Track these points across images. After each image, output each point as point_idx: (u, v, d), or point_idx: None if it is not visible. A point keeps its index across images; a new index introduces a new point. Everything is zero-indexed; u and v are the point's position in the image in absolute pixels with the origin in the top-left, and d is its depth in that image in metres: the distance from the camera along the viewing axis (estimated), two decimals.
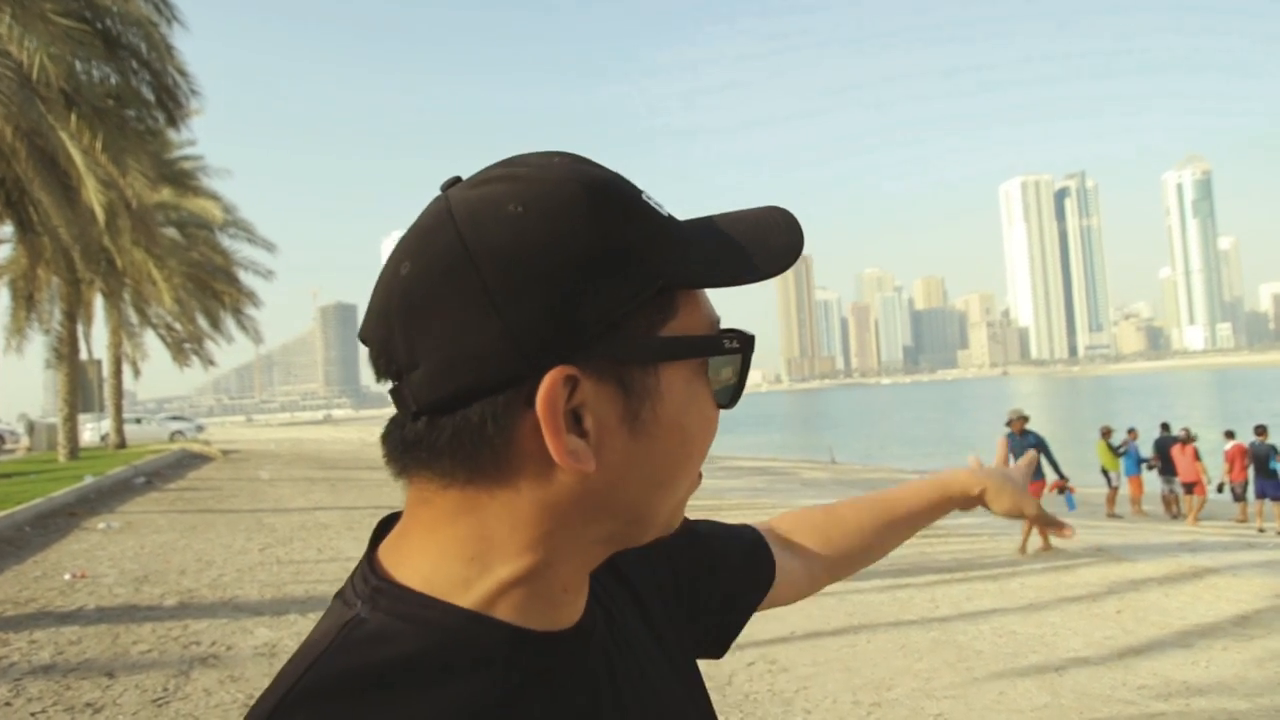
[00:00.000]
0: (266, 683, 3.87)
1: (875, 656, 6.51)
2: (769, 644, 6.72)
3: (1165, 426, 17.77)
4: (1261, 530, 14.66)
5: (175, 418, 47.37)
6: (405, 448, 0.63)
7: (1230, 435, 17.00)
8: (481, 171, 0.65)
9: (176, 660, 6.15)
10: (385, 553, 0.67)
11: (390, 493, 18.21)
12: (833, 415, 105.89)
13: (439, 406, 0.60)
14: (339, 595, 0.66)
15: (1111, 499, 17.61)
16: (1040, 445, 11.16)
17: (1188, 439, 16.85)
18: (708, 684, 0.87)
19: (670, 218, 0.66)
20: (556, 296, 0.58)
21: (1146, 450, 17.67)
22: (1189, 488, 16.51)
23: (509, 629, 0.63)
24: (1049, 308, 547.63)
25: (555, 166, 0.63)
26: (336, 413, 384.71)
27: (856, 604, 8.17)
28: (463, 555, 0.63)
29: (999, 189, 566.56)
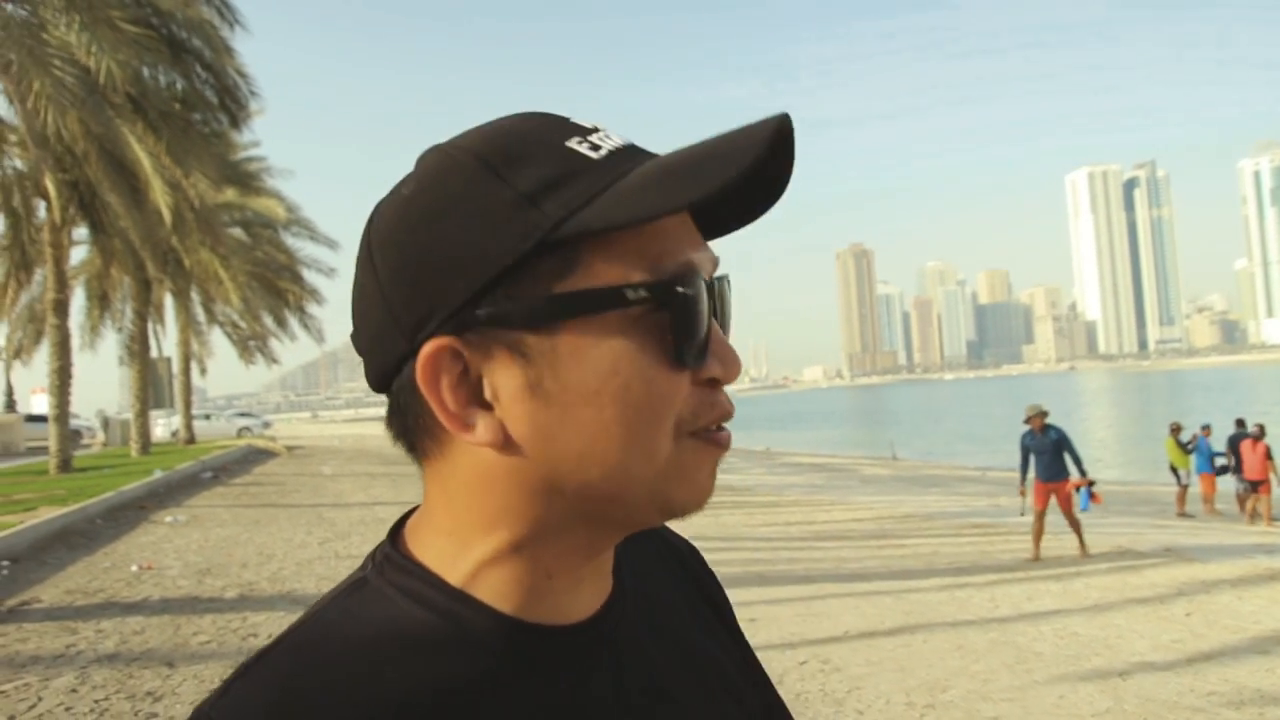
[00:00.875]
0: None
1: (931, 657, 6.38)
2: (822, 643, 6.63)
3: (1240, 423, 17.19)
4: None
5: (243, 414, 48.56)
6: (386, 424, 0.66)
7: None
8: None
9: (235, 651, 6.26)
10: (409, 523, 0.68)
11: (410, 486, 18.29)
12: (894, 411, 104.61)
13: (378, 388, 0.64)
14: (363, 563, 0.68)
15: (1181, 497, 17.09)
16: (1063, 442, 10.60)
17: (1260, 435, 16.29)
18: None
19: (606, 156, 0.59)
20: (430, 268, 0.57)
21: (1222, 447, 17.12)
22: (1255, 485, 15.96)
23: (491, 614, 0.61)
24: (1117, 301, 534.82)
25: (468, 133, 0.62)
26: None
27: (913, 603, 8.03)
28: (445, 530, 0.63)
29: (1065, 179, 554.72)
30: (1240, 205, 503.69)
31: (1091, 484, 10.81)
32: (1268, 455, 15.83)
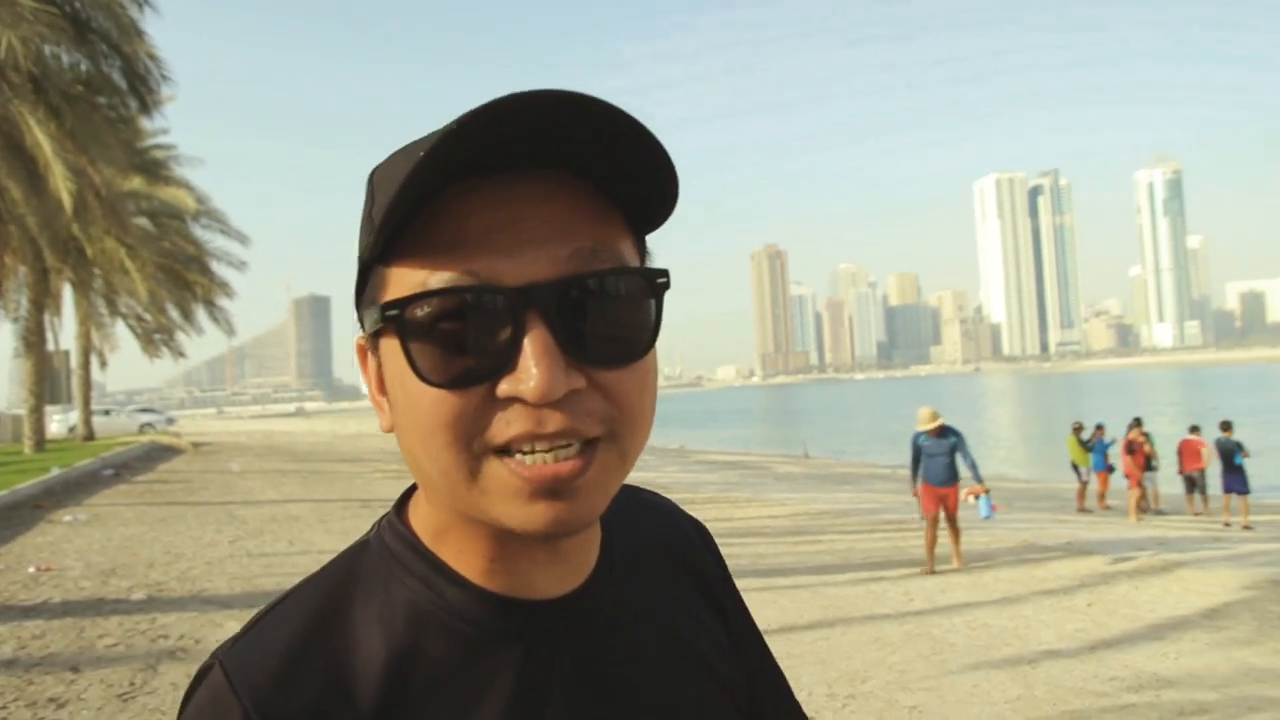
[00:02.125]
0: None
1: (850, 649, 6.52)
2: None
3: (1137, 420, 17.93)
4: (1228, 525, 14.82)
5: (145, 410, 46.79)
6: None
7: (1195, 430, 17.20)
8: None
9: (144, 654, 6.06)
10: (414, 495, 0.73)
11: (363, 485, 18.11)
12: (806, 410, 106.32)
13: None
14: (375, 522, 0.75)
15: (1081, 494, 17.76)
16: (959, 445, 10.03)
17: (1137, 435, 16.98)
18: None
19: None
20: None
21: (1120, 445, 17.80)
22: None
23: (464, 585, 0.67)
24: (1021, 304, 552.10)
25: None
26: (309, 405, 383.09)
27: (830, 597, 8.19)
28: (421, 500, 0.70)
29: (973, 186, 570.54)
30: (1135, 215, 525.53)
31: (987, 491, 10.30)
32: (1128, 451, 16.49)
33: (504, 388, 0.57)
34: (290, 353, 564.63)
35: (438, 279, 0.58)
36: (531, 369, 0.56)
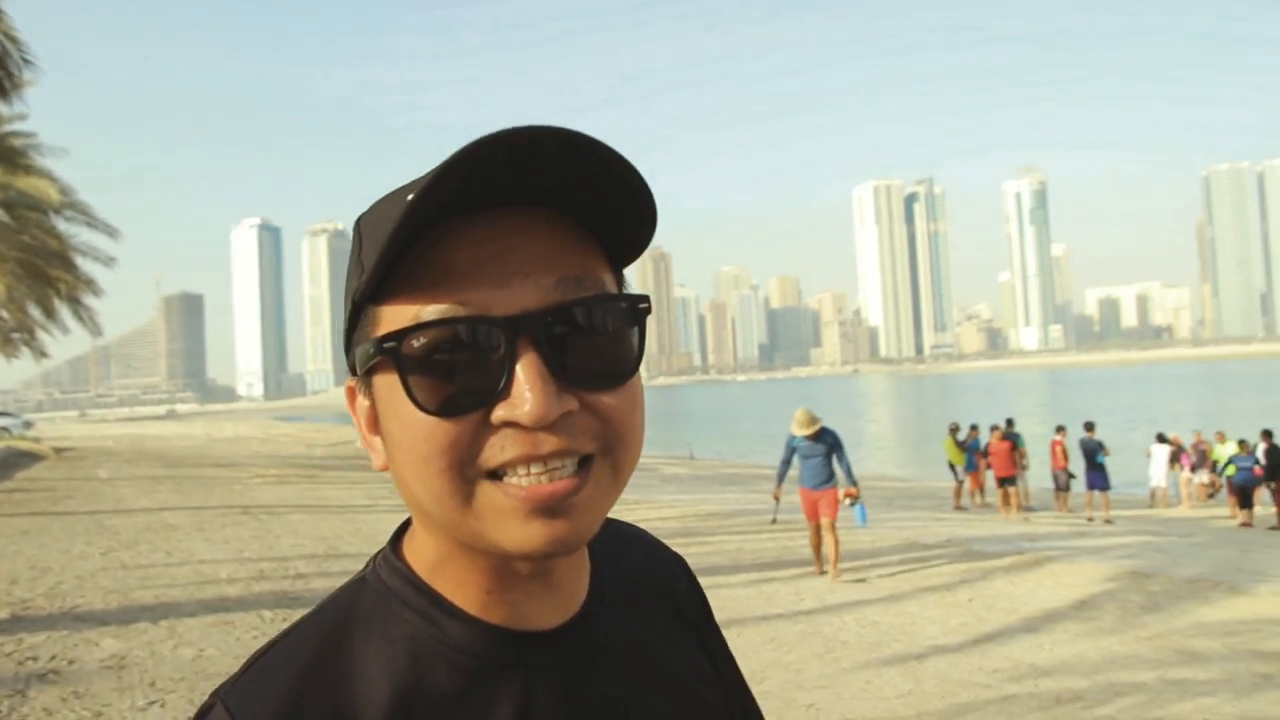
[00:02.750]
0: (116, 698, 3.63)
1: (745, 650, 6.62)
2: None
3: (1009, 421, 18.73)
4: (1090, 520, 15.66)
5: None
6: None
7: (1061, 430, 18.09)
8: None
9: (10, 678, 5.71)
10: (409, 531, 0.74)
11: (243, 491, 17.48)
12: (690, 411, 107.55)
13: None
14: (369, 559, 0.76)
15: (958, 492, 18.47)
16: (836, 448, 9.59)
17: (1005, 435, 17.74)
18: None
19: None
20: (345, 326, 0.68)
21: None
22: (1002, 481, 17.36)
23: (463, 617, 0.68)
24: (898, 308, 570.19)
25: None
26: (181, 407, 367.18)
27: (724, 598, 8.31)
28: (416, 534, 0.72)
29: (852, 192, 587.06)
30: (1004, 223, 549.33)
31: (858, 496, 9.97)
32: (1012, 450, 17.29)
33: (499, 413, 0.59)
34: (160, 352, 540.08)
35: (430, 311, 0.60)
36: (526, 394, 0.59)
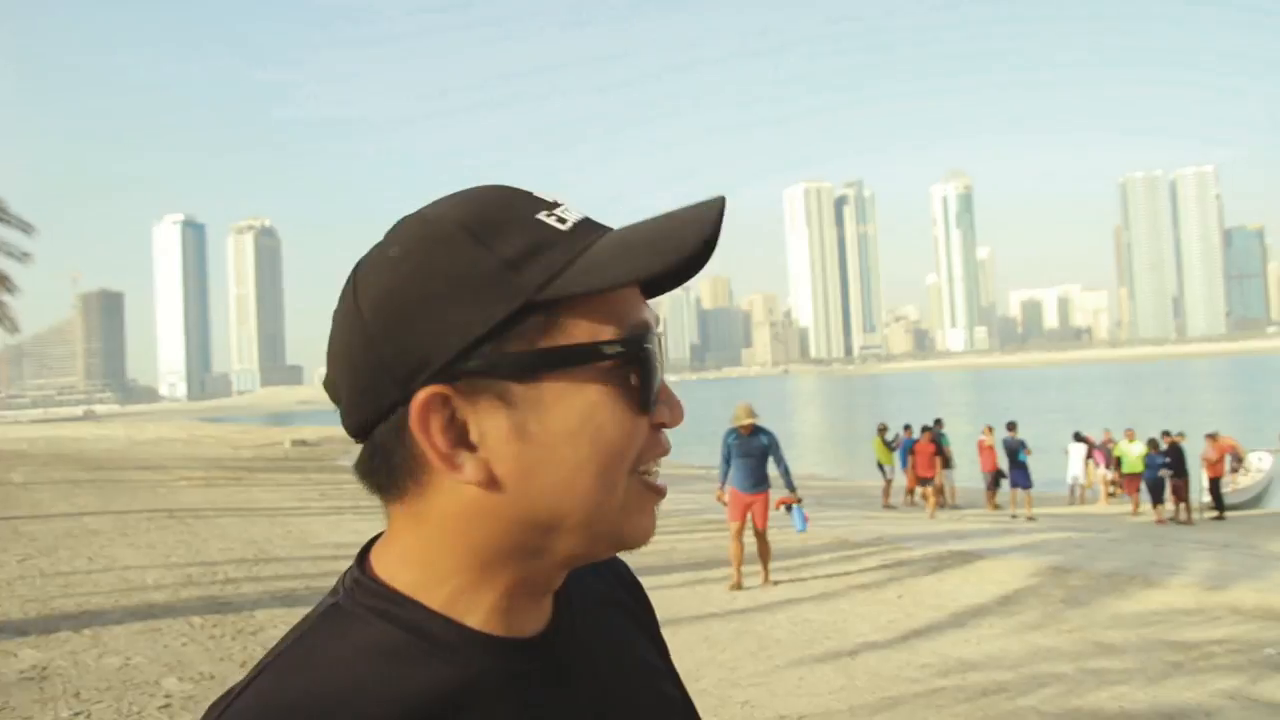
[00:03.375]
0: (39, 710, 3.58)
1: (680, 649, 6.70)
2: None
3: (938, 421, 19.17)
4: (1014, 516, 16.12)
5: None
6: (357, 468, 0.71)
7: (989, 430, 18.59)
8: None
9: None
10: (374, 553, 0.72)
11: (168, 494, 17.06)
12: None
13: (358, 433, 0.69)
14: (332, 589, 0.73)
15: (886, 491, 18.84)
16: (772, 448, 9.04)
17: (929, 435, 18.13)
18: None
19: (572, 229, 0.68)
20: (423, 326, 0.64)
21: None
22: (921, 481, 17.74)
23: (459, 629, 0.68)
24: (828, 309, 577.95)
25: (443, 203, 0.70)
26: (99, 408, 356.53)
27: (659, 599, 8.18)
28: (419, 562, 0.69)
29: (783, 193, 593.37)
30: (931, 226, 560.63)
31: (799, 501, 9.31)
32: (935, 452, 17.68)
33: (661, 415, 0.70)
34: (78, 352, 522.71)
35: (634, 326, 0.68)
36: (676, 400, 0.71)
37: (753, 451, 9.04)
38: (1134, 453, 17.75)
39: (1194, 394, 76.20)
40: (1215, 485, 17.59)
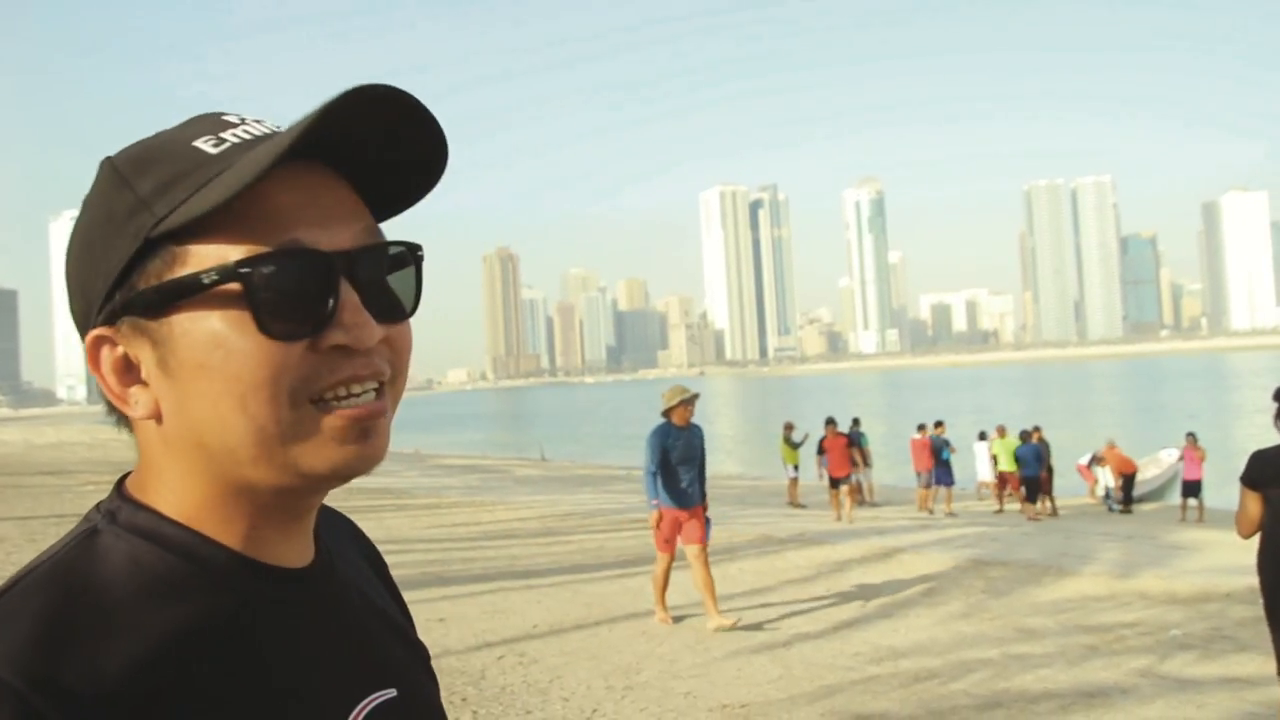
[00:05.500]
0: None
1: (619, 644, 6.76)
2: (515, 640, 6.78)
3: (856, 421, 19.47)
4: (931, 512, 16.55)
5: None
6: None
7: (922, 429, 18.77)
8: None
9: None
10: (129, 483, 0.73)
11: (75, 499, 16.43)
12: (539, 413, 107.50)
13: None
14: (85, 516, 0.71)
15: (793, 489, 18.94)
16: (699, 446, 7.48)
17: (850, 435, 18.32)
18: (459, 679, 0.90)
19: (226, 151, 0.66)
20: (85, 271, 0.68)
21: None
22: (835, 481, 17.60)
23: (225, 551, 0.69)
24: (743, 311, 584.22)
25: (132, 144, 0.71)
26: None
27: (591, 595, 8.42)
28: (162, 482, 0.70)
29: (699, 197, 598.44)
30: (844, 230, 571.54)
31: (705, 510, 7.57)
32: (848, 449, 17.72)
33: (334, 337, 0.65)
34: None
35: (269, 244, 0.64)
36: (355, 320, 0.65)
37: (694, 454, 7.33)
38: (1006, 449, 17.83)
39: (1095, 395, 79.25)
40: (1129, 482, 18.20)
